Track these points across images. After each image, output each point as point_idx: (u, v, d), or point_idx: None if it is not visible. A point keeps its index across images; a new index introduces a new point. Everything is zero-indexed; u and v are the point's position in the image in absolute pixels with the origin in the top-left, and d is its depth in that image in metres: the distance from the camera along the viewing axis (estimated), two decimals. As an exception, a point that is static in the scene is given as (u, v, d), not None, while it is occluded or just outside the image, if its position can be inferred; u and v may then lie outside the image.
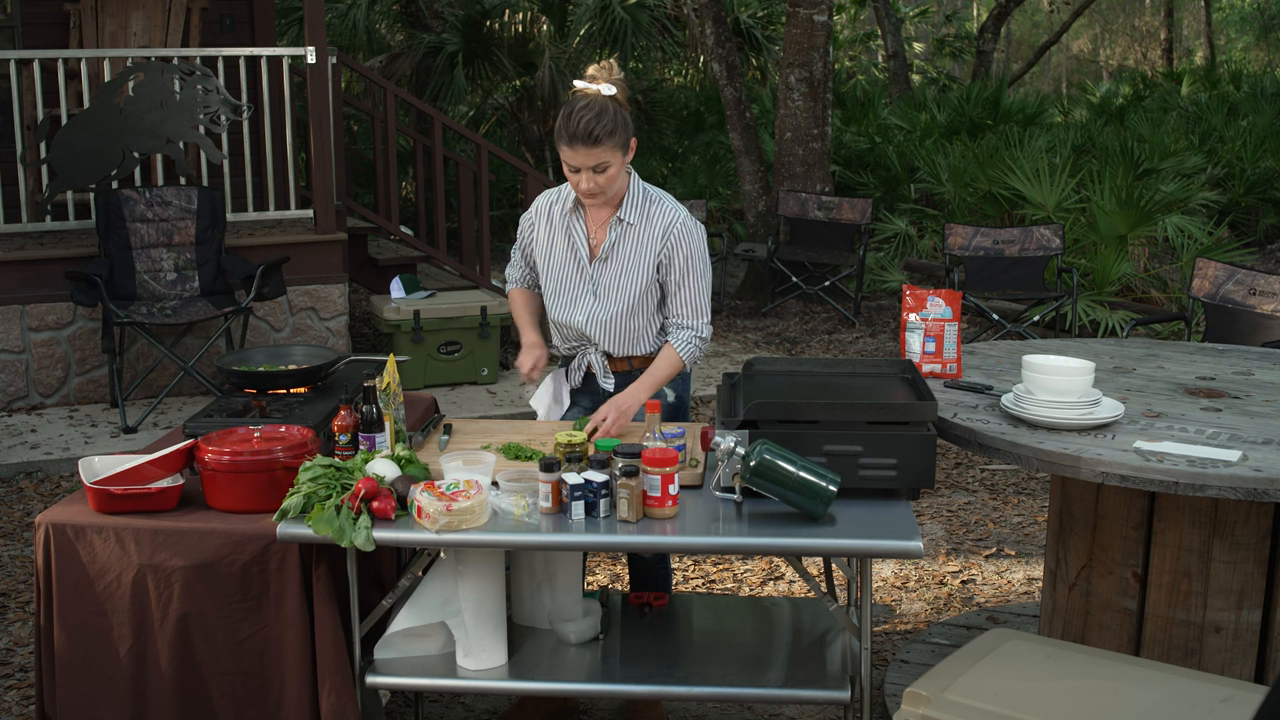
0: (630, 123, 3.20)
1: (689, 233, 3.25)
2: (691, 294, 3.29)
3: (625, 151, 3.18)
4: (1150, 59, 26.48)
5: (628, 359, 3.36)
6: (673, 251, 3.24)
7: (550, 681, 2.92)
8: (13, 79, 6.69)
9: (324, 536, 2.67)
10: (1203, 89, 16.33)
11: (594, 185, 3.16)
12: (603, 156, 3.12)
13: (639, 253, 3.26)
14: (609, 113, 3.12)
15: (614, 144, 3.12)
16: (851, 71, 20.62)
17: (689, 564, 4.61)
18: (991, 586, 4.41)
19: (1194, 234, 8.49)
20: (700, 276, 3.29)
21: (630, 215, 3.26)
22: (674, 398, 3.41)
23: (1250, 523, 3.00)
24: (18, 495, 5.41)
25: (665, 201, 3.29)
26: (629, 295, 3.27)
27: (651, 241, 3.25)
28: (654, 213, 3.26)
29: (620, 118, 3.15)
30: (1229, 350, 3.79)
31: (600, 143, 3.10)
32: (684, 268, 3.26)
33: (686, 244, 3.25)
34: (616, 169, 3.16)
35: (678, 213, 3.27)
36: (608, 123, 3.11)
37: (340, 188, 7.32)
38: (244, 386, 3.46)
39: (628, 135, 3.18)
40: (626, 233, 3.27)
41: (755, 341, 8.28)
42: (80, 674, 2.88)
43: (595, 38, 12.68)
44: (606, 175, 3.16)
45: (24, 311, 6.39)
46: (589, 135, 3.09)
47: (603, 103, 3.13)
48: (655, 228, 3.25)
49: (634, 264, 3.27)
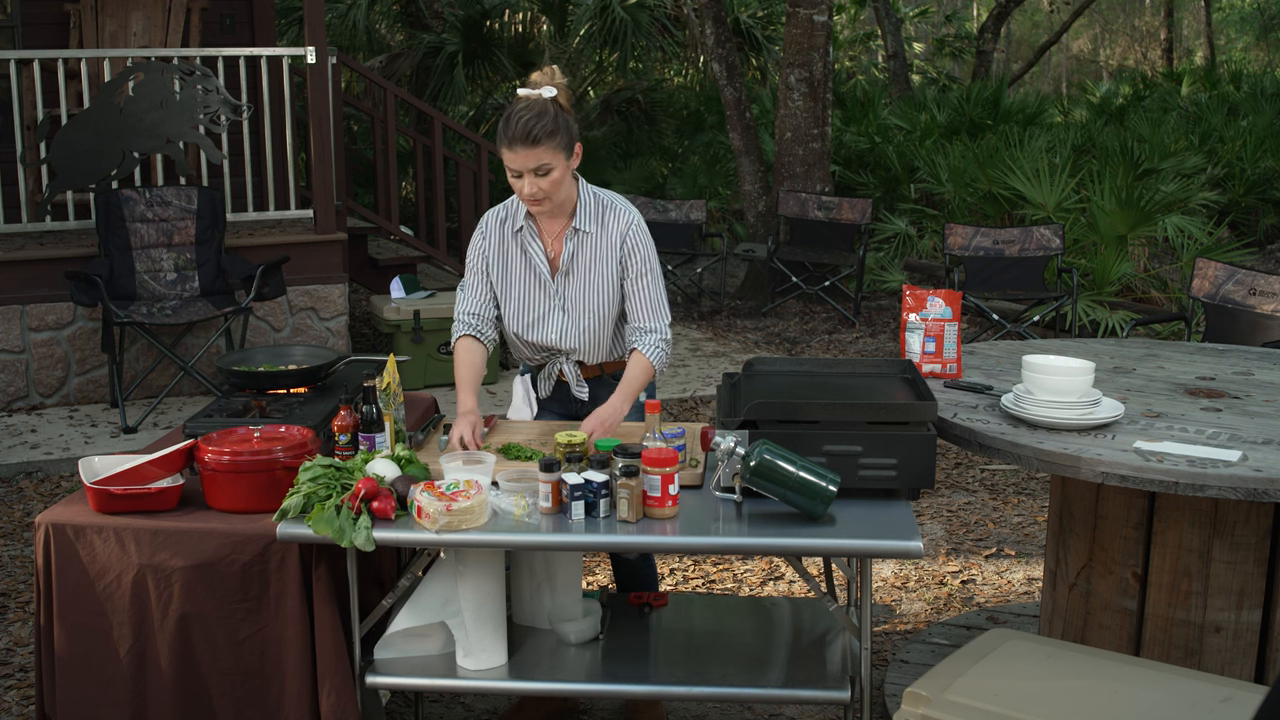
0: (573, 126, 3.14)
1: (643, 234, 3.23)
2: (649, 296, 3.25)
3: (568, 155, 3.12)
4: (1150, 59, 26.48)
5: (599, 365, 3.35)
6: (629, 255, 3.22)
7: (550, 681, 2.92)
8: (13, 79, 6.69)
9: (324, 536, 2.67)
10: (1203, 89, 16.33)
11: (536, 189, 3.09)
12: (544, 158, 3.06)
13: (600, 261, 3.22)
14: (549, 114, 3.07)
15: (554, 145, 3.06)
16: (851, 71, 20.63)
17: (689, 564, 4.61)
18: (991, 586, 4.41)
19: (1194, 234, 8.49)
20: (656, 278, 3.26)
21: (586, 224, 3.21)
22: (643, 396, 3.38)
23: (1250, 523, 3.00)
24: (18, 495, 5.41)
25: (618, 205, 3.25)
26: (600, 307, 3.24)
27: (611, 249, 3.22)
28: (608, 219, 3.22)
29: (561, 119, 3.09)
30: (1229, 350, 3.79)
31: (539, 143, 3.04)
32: (640, 269, 3.23)
33: (642, 246, 3.22)
34: (560, 173, 3.10)
35: (630, 215, 3.24)
36: (547, 123, 3.05)
37: (340, 188, 7.32)
38: (244, 386, 3.46)
39: (570, 138, 3.11)
40: (584, 242, 3.22)
41: (755, 341, 8.28)
42: (80, 674, 2.88)
43: (595, 38, 12.69)
44: (549, 179, 3.09)
45: (24, 311, 6.40)
46: (527, 135, 3.04)
47: (543, 104, 3.09)
48: (613, 234, 3.21)
49: (598, 274, 3.23)
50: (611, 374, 3.35)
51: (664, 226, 9.59)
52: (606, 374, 3.36)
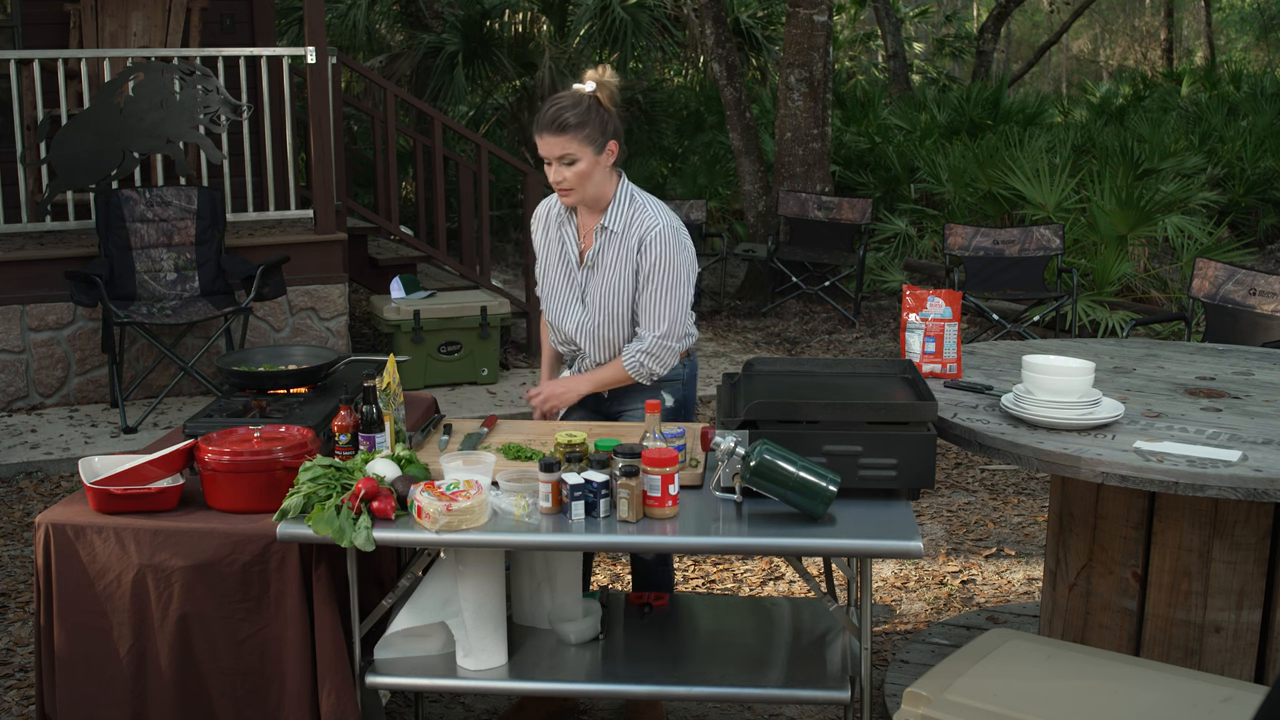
0: (609, 123, 3.16)
1: (663, 240, 3.19)
2: (650, 301, 3.22)
3: (598, 150, 3.14)
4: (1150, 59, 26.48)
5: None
6: (643, 258, 3.21)
7: (550, 681, 2.92)
8: (13, 79, 6.69)
9: (324, 536, 2.67)
10: (1203, 89, 16.33)
11: (561, 177, 3.15)
12: (569, 147, 3.11)
13: (620, 262, 3.23)
14: (581, 105, 3.12)
15: (582, 136, 3.10)
16: (851, 71, 20.62)
17: (689, 564, 4.61)
18: (991, 586, 4.41)
19: (1194, 234, 8.49)
20: (664, 287, 3.21)
21: (614, 223, 3.23)
22: (673, 402, 3.39)
23: (1250, 523, 3.00)
24: (18, 495, 5.41)
25: (649, 208, 3.24)
26: (613, 306, 3.25)
27: (630, 250, 3.22)
28: (635, 221, 3.22)
29: (595, 113, 3.12)
30: (1229, 350, 3.79)
31: (566, 131, 3.09)
32: (649, 274, 3.21)
33: (657, 251, 3.19)
34: (586, 165, 3.14)
35: (657, 221, 3.21)
36: (578, 113, 3.10)
37: (340, 188, 7.32)
38: (244, 386, 3.45)
39: (602, 133, 3.13)
40: (610, 240, 3.24)
41: (755, 341, 8.28)
42: (80, 674, 2.88)
43: (595, 38, 12.68)
44: (575, 170, 3.13)
45: (24, 311, 6.40)
46: (554, 122, 3.10)
47: (579, 96, 3.14)
48: (633, 236, 3.22)
49: (616, 274, 3.24)
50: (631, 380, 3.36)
51: (664, 226, 9.58)
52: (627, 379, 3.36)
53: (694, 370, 3.44)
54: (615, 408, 3.41)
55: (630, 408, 3.38)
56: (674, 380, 3.38)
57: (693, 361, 3.44)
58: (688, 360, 3.41)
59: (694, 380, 3.45)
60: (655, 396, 3.34)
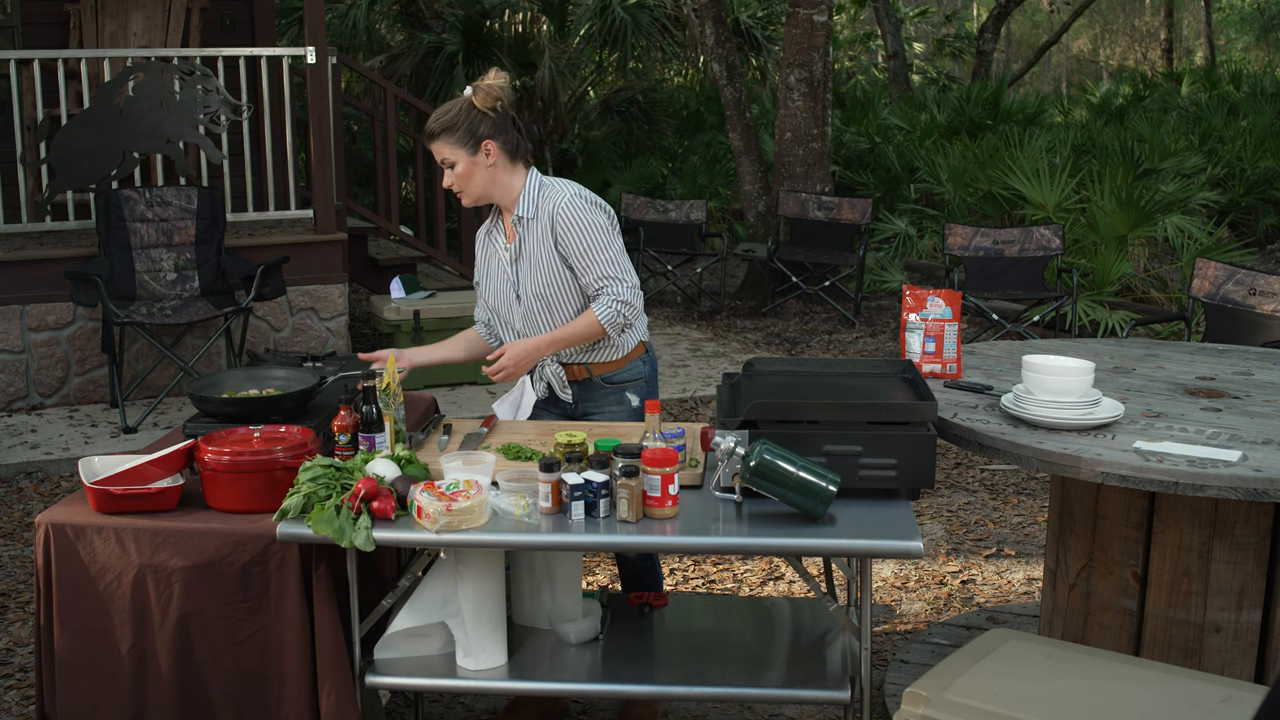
0: (481, 124, 3.21)
1: (571, 206, 3.25)
2: (595, 260, 3.24)
3: (471, 151, 3.23)
4: (1150, 59, 26.48)
5: (584, 365, 3.37)
6: (563, 231, 3.25)
7: (550, 681, 2.92)
8: (13, 79, 6.70)
9: (324, 536, 2.67)
10: (1203, 89, 16.32)
11: (451, 181, 3.28)
12: (443, 152, 3.24)
13: (539, 245, 3.28)
14: (450, 112, 3.24)
15: (453, 140, 3.22)
16: (851, 71, 20.62)
17: (689, 564, 4.61)
18: (991, 586, 4.41)
19: (1194, 234, 8.49)
20: (598, 243, 3.24)
21: (526, 210, 3.29)
22: (638, 402, 3.41)
23: (1250, 523, 3.00)
24: (18, 495, 5.41)
25: (554, 187, 3.30)
26: (545, 288, 3.29)
27: (545, 231, 3.27)
28: (543, 202, 3.29)
29: (465, 117, 3.21)
30: (1229, 350, 3.79)
31: (435, 138, 3.24)
32: (575, 240, 3.24)
33: (573, 219, 3.23)
34: (464, 167, 3.24)
35: (562, 194, 3.28)
36: (445, 120, 3.23)
37: (340, 188, 7.32)
38: (215, 414, 3.12)
39: (472, 135, 3.21)
40: (528, 228, 3.30)
41: (755, 341, 8.28)
42: (80, 674, 2.88)
43: (595, 38, 12.69)
44: (457, 173, 3.26)
45: (24, 311, 6.40)
46: (426, 130, 3.28)
47: (453, 103, 3.27)
48: (544, 216, 3.28)
49: (538, 257, 3.29)
50: (601, 376, 3.37)
51: (664, 226, 9.59)
52: (596, 376, 3.37)
53: (654, 367, 3.50)
54: (584, 409, 3.42)
55: (600, 410, 3.40)
56: (635, 380, 3.42)
57: (652, 358, 3.49)
58: (646, 357, 3.46)
59: (655, 378, 3.49)
60: (623, 402, 3.37)
